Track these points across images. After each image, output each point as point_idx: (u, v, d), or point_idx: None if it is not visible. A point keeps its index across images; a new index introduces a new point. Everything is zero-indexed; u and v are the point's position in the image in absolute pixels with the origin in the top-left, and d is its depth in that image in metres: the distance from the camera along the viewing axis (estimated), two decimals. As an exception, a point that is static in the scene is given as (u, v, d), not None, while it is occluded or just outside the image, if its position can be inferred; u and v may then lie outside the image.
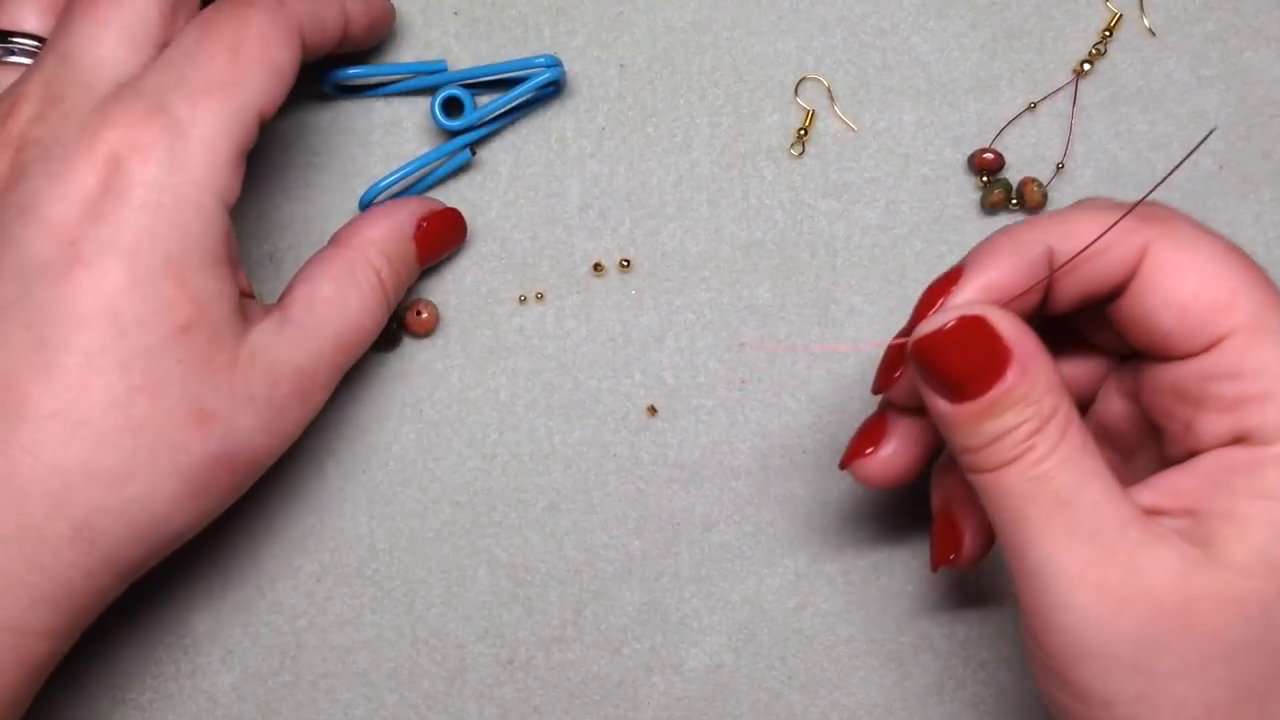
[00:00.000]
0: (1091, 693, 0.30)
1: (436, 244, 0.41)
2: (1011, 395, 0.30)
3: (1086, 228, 0.31)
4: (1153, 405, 0.33)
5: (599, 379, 0.43)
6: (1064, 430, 0.30)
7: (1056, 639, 0.30)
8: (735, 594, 0.42)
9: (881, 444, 0.36)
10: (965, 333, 0.30)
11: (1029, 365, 0.30)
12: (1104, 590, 0.29)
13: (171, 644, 0.42)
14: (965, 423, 0.30)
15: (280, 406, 0.36)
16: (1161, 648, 0.29)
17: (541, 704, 0.42)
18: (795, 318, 0.43)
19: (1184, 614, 0.29)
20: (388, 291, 0.39)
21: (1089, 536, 0.29)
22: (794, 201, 0.43)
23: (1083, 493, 0.30)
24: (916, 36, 0.44)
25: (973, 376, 0.30)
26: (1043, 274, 0.32)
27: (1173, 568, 0.29)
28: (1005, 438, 0.30)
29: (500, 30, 0.44)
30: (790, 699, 0.42)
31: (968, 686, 0.42)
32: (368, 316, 0.38)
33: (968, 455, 0.31)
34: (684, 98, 0.44)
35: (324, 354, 0.37)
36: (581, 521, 0.43)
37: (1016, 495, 0.30)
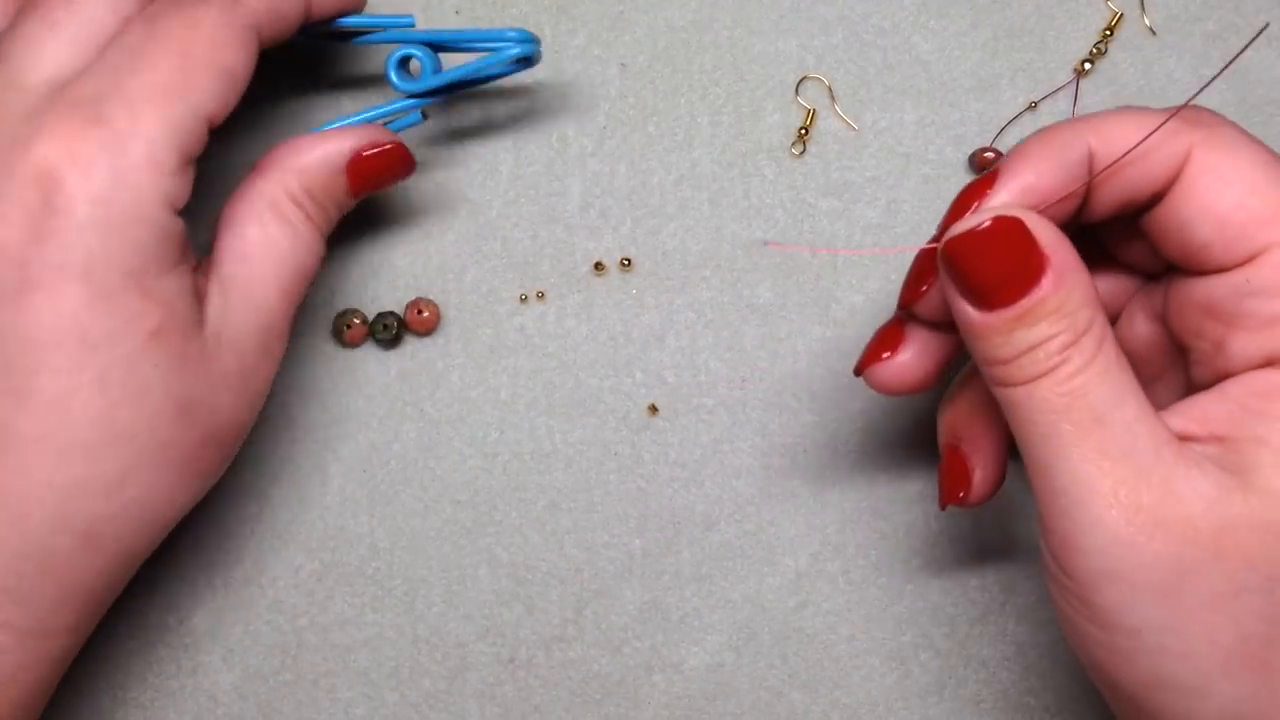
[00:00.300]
0: (1117, 619, 0.29)
1: (373, 178, 0.38)
2: (1046, 304, 0.29)
3: (1129, 130, 0.30)
4: (1182, 324, 0.32)
5: (600, 378, 0.43)
6: (1099, 344, 0.29)
7: (1083, 561, 0.29)
8: (736, 593, 0.42)
9: (899, 349, 0.34)
10: (1000, 235, 0.29)
11: (1065, 274, 0.29)
12: (1137, 511, 0.28)
13: (172, 643, 0.42)
14: (995, 332, 0.29)
15: (250, 372, 0.35)
16: (1194, 575, 0.28)
17: (542, 703, 0.42)
18: (796, 317, 0.43)
19: (1218, 541, 0.28)
20: (318, 224, 0.37)
21: (1123, 455, 0.28)
22: (795, 201, 0.43)
23: (1118, 410, 0.28)
24: (917, 35, 0.44)
25: (1006, 282, 0.29)
26: (1083, 178, 0.30)
27: (1208, 493, 0.28)
28: (1038, 349, 0.29)
29: (501, 29, 0.44)
30: (791, 698, 0.42)
31: (968, 685, 0.42)
32: (305, 252, 0.37)
33: (997, 368, 0.29)
34: (685, 97, 0.44)
35: (271, 305, 0.36)
36: (582, 520, 0.43)
37: (1049, 410, 0.29)
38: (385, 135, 0.38)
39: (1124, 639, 0.29)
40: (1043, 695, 0.42)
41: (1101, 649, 0.29)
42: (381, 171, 0.38)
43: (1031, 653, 0.42)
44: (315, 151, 0.37)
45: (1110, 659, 0.29)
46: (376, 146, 0.38)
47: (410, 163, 0.39)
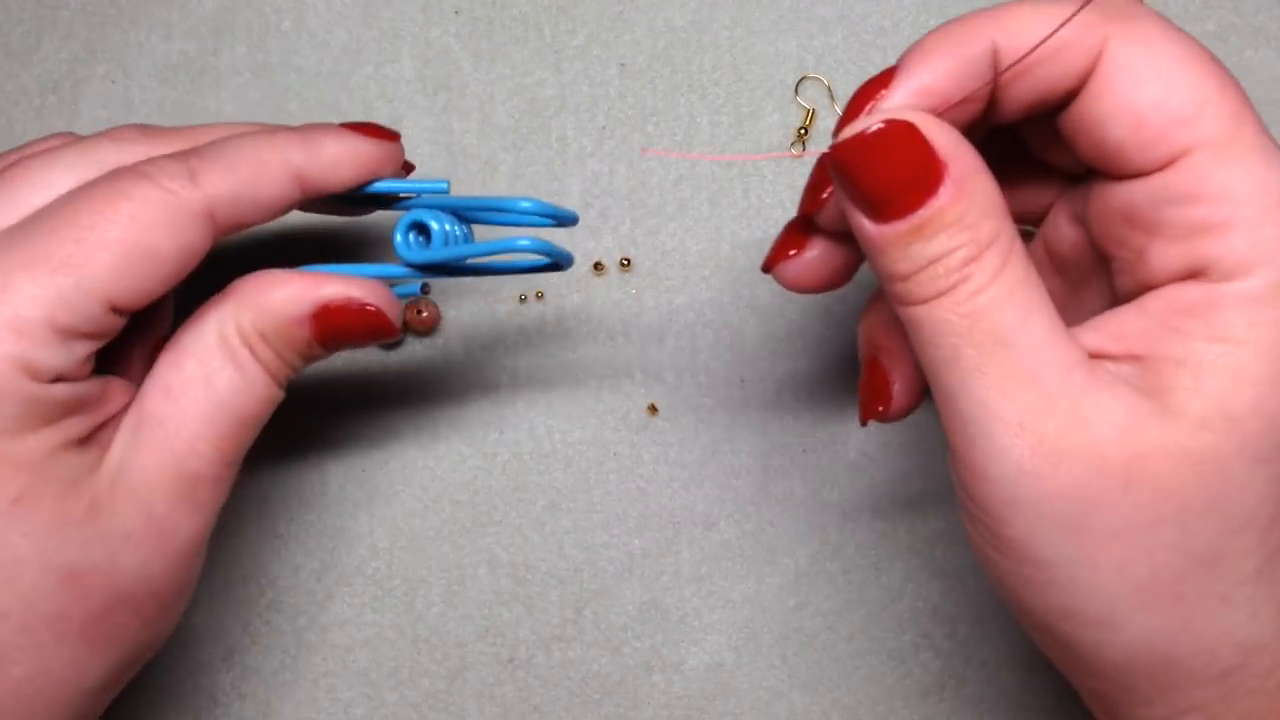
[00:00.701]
0: (1026, 551, 0.27)
1: (341, 336, 0.33)
2: (945, 216, 0.26)
3: (1037, 22, 0.27)
4: (1103, 231, 0.29)
5: (599, 378, 0.43)
6: (1005, 259, 0.27)
7: (988, 490, 0.27)
8: (736, 593, 0.42)
9: (806, 247, 0.32)
10: (892, 139, 0.26)
11: (965, 183, 0.26)
12: (1041, 440, 0.26)
13: (172, 642, 0.42)
14: (891, 245, 0.27)
15: (165, 526, 0.31)
16: (1102, 506, 0.26)
17: (542, 703, 0.42)
18: (796, 316, 0.43)
19: (1130, 470, 0.26)
20: (272, 371, 0.32)
21: (1028, 380, 0.26)
22: (794, 200, 0.43)
23: (1023, 331, 0.26)
24: (917, 35, 0.44)
25: (900, 191, 0.26)
26: (986, 77, 0.28)
27: (1119, 419, 0.26)
28: (937, 264, 0.26)
29: (501, 29, 0.44)
30: (791, 698, 0.42)
31: (969, 685, 0.42)
32: (249, 399, 0.32)
33: (896, 284, 0.27)
34: (684, 97, 0.44)
35: (199, 452, 0.31)
36: (582, 520, 0.43)
37: (949, 331, 0.27)
38: (366, 292, 0.33)
39: (1033, 570, 0.27)
40: (1043, 695, 0.42)
41: (1013, 578, 0.28)
42: (352, 331, 0.33)
43: (1031, 653, 0.42)
44: (280, 291, 0.32)
45: (1022, 589, 0.28)
46: (350, 303, 0.32)
47: (389, 329, 0.33)
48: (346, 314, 0.32)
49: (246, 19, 0.44)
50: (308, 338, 0.32)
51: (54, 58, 0.44)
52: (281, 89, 0.44)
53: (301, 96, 0.44)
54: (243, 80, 0.44)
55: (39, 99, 0.44)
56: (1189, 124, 0.27)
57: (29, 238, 0.30)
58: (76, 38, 0.44)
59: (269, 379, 0.32)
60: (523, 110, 0.44)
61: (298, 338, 0.32)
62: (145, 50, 0.44)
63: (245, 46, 0.44)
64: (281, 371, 0.33)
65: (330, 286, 0.32)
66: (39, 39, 0.44)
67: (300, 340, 0.32)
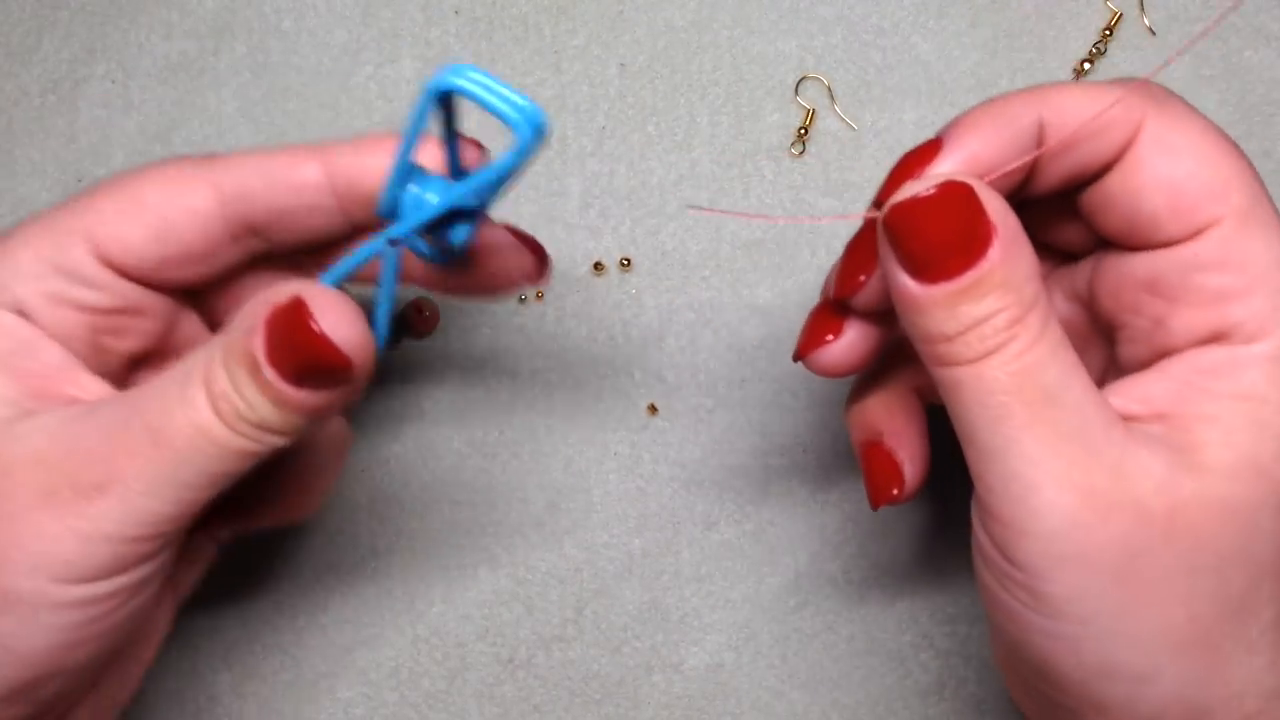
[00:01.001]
0: (1067, 607, 0.27)
1: (289, 361, 0.27)
2: (994, 277, 0.27)
3: (1081, 101, 0.29)
4: (1116, 301, 0.31)
5: (599, 378, 0.43)
6: (1045, 321, 0.27)
7: (1031, 546, 0.27)
8: (735, 592, 0.42)
9: (841, 332, 0.32)
10: (947, 201, 0.27)
11: (1012, 246, 0.27)
12: (1091, 494, 0.27)
13: (171, 642, 0.42)
14: (938, 306, 0.27)
15: (6, 507, 0.28)
16: (1146, 556, 0.27)
17: (542, 702, 0.42)
18: (796, 317, 0.43)
19: (1170, 522, 0.27)
20: (215, 405, 0.28)
21: (1075, 436, 0.27)
22: (794, 200, 0.43)
23: (1067, 390, 0.27)
24: (917, 35, 0.44)
25: (952, 252, 0.27)
26: (1030, 150, 0.29)
27: (1158, 473, 0.27)
28: (984, 324, 0.27)
29: (501, 29, 0.44)
30: (791, 697, 0.42)
31: (968, 685, 0.42)
32: (168, 424, 0.28)
33: (940, 345, 0.28)
34: (684, 97, 0.44)
35: (99, 450, 0.28)
36: (582, 520, 0.43)
37: (999, 389, 0.27)
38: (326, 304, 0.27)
39: (1072, 626, 0.27)
40: (1043, 695, 0.42)
41: (1047, 640, 0.28)
42: (297, 356, 0.27)
43: (1031, 653, 0.42)
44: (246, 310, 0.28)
45: (1055, 650, 0.28)
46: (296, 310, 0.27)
47: (338, 364, 0.27)
48: (291, 329, 0.27)
49: (246, 19, 0.44)
50: (255, 356, 0.27)
51: (54, 58, 0.44)
52: (281, 89, 0.44)
53: (301, 96, 0.44)
54: (243, 80, 0.44)
55: (39, 99, 0.44)
56: (1219, 197, 0.28)
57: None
58: (76, 38, 0.44)
59: (214, 418, 0.28)
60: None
61: (246, 351, 0.27)
62: (145, 50, 0.44)
63: (245, 46, 0.44)
64: (232, 411, 0.28)
65: (283, 290, 0.28)
66: (39, 39, 0.44)
67: (248, 355, 0.27)
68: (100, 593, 0.28)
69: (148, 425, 0.28)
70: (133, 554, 0.28)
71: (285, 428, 0.28)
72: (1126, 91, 0.29)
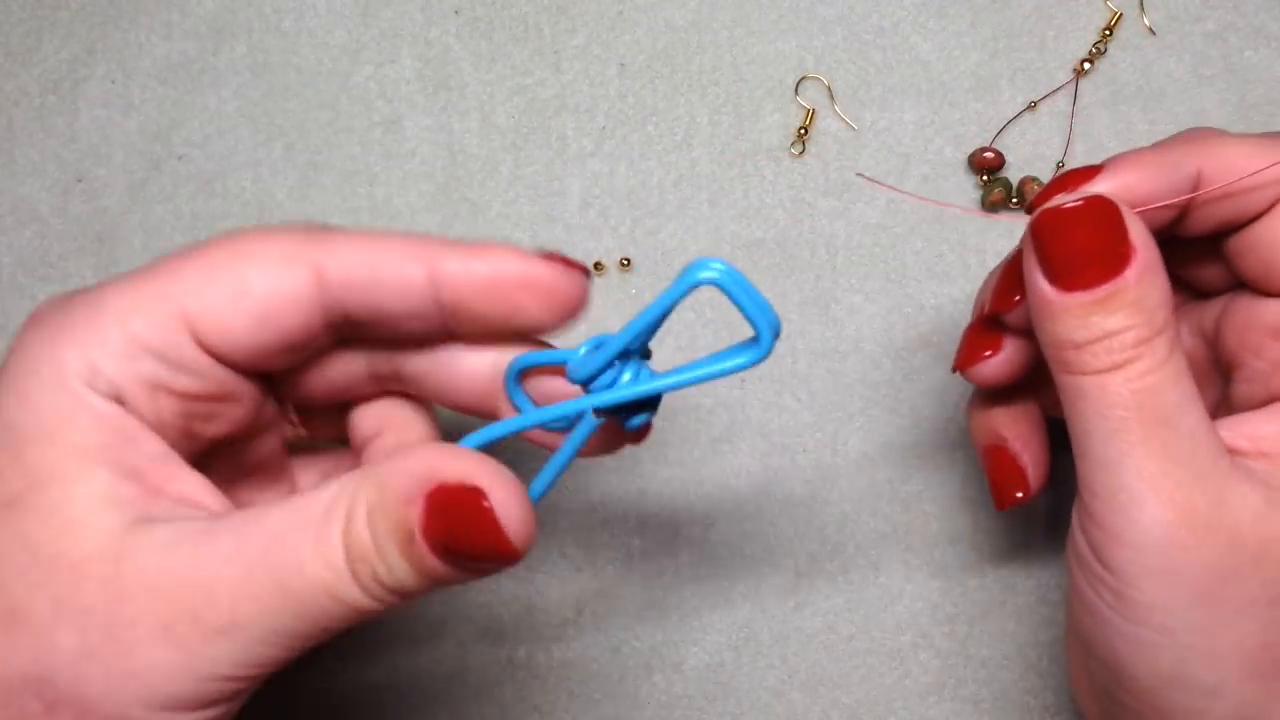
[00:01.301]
0: (1151, 615, 0.29)
1: (446, 538, 0.27)
2: (1128, 294, 0.29)
3: (1241, 156, 0.31)
4: (1241, 340, 0.33)
5: (599, 378, 0.43)
6: (1171, 349, 0.29)
7: (1126, 555, 0.29)
8: (735, 592, 0.42)
9: (1000, 348, 0.34)
10: (1092, 214, 0.29)
11: (1148, 271, 0.29)
12: (1191, 515, 0.29)
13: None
14: (1071, 314, 0.29)
15: (125, 635, 0.27)
16: (1234, 581, 0.29)
17: (542, 702, 0.42)
18: (796, 316, 0.43)
19: (1260, 552, 0.29)
20: (353, 565, 0.27)
21: (1185, 459, 0.29)
22: (794, 200, 0.43)
23: (1184, 415, 0.29)
24: (917, 35, 0.44)
25: (1090, 262, 0.29)
26: (1184, 193, 0.31)
27: (1255, 506, 0.29)
28: (1114, 338, 0.29)
29: (501, 29, 0.44)
30: (790, 697, 0.42)
31: (968, 685, 0.42)
32: (298, 576, 0.27)
33: (1067, 351, 0.30)
34: (684, 97, 0.44)
35: (222, 588, 0.27)
36: (581, 520, 0.43)
37: (1120, 404, 0.29)
38: (496, 485, 0.27)
39: (1153, 634, 0.29)
40: (1043, 695, 0.42)
41: (1126, 642, 0.30)
42: (456, 534, 0.27)
43: (1031, 652, 0.42)
44: (404, 462, 0.27)
45: (1133, 653, 0.30)
46: (465, 492, 0.27)
47: (503, 548, 0.27)
48: (460, 512, 0.26)
49: (246, 19, 0.44)
50: (410, 528, 0.26)
51: (54, 58, 0.44)
52: (281, 89, 0.44)
53: (301, 96, 0.44)
54: (243, 80, 0.44)
55: (39, 99, 0.44)
56: None
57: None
58: (76, 38, 0.44)
59: (341, 566, 0.27)
60: (523, 110, 0.44)
61: (402, 521, 0.26)
62: (145, 50, 0.44)
63: (245, 46, 0.44)
64: (369, 574, 0.27)
65: (453, 464, 0.27)
66: (39, 39, 0.44)
67: (403, 526, 0.26)
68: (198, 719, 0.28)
69: (276, 575, 0.27)
70: (234, 690, 0.28)
71: (419, 593, 0.28)
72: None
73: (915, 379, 0.43)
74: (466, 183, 0.43)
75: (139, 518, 0.27)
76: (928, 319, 0.43)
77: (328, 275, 0.28)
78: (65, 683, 0.27)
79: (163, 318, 0.28)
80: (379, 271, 0.28)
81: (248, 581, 0.27)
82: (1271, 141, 0.31)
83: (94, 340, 0.28)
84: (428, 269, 0.29)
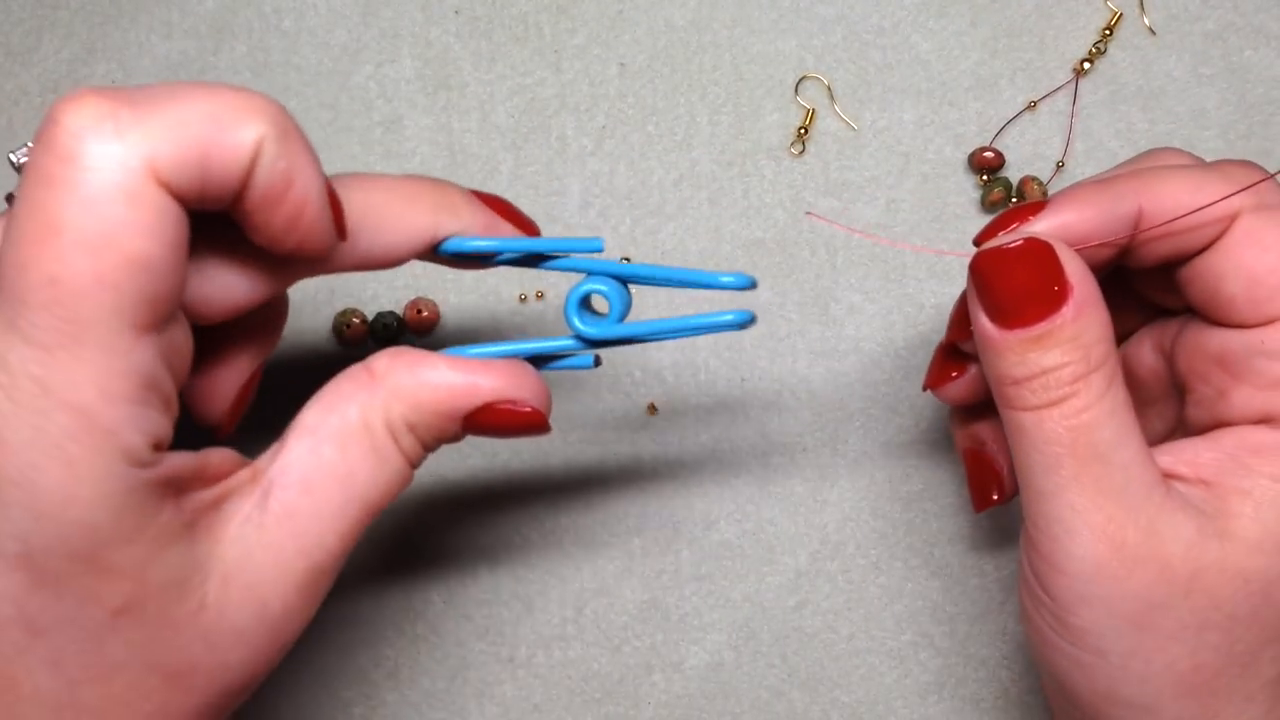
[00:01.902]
0: (1087, 639, 0.30)
1: (492, 432, 0.31)
2: (1064, 331, 0.30)
3: (1182, 195, 0.31)
4: (1190, 366, 0.33)
5: (599, 377, 0.43)
6: (1109, 383, 0.30)
7: (1065, 584, 0.30)
8: (735, 592, 0.42)
9: (965, 371, 0.35)
10: (1029, 256, 0.30)
11: (1085, 307, 0.30)
12: (1121, 548, 0.30)
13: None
14: (1011, 350, 0.30)
15: (280, 623, 0.29)
16: (1164, 609, 0.30)
17: (542, 702, 0.42)
18: (796, 316, 0.43)
19: (1191, 581, 0.30)
20: (411, 458, 0.31)
21: (1116, 493, 0.30)
22: (794, 200, 0.43)
23: (1118, 450, 0.30)
24: (917, 35, 0.44)
25: (1028, 301, 0.30)
26: (1125, 231, 0.32)
27: (1187, 537, 0.30)
28: (1050, 375, 0.30)
29: (501, 29, 0.44)
30: (791, 697, 0.42)
31: (968, 684, 0.42)
32: (384, 488, 0.30)
33: (1010, 388, 0.31)
34: (684, 96, 0.44)
35: (327, 544, 0.29)
36: (581, 519, 0.43)
37: (1055, 441, 0.30)
38: (528, 392, 0.31)
39: (1090, 656, 0.31)
40: (1041, 694, 0.42)
41: (1067, 661, 0.31)
42: (504, 429, 0.31)
43: (1031, 652, 0.42)
44: (439, 387, 0.30)
45: (1072, 671, 0.31)
46: (512, 405, 0.31)
47: (541, 427, 0.31)
48: (504, 415, 0.31)
49: (246, 18, 0.44)
50: (458, 430, 0.31)
51: (54, 58, 0.44)
52: (281, 88, 0.44)
53: (301, 96, 0.44)
54: (243, 80, 0.44)
55: (39, 99, 0.44)
56: None
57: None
58: (76, 37, 0.44)
59: (408, 467, 0.30)
60: (523, 110, 0.44)
61: (449, 430, 0.31)
62: (145, 50, 0.44)
63: (245, 46, 0.44)
64: (420, 457, 0.31)
65: (490, 383, 0.30)
66: (39, 39, 0.44)
67: (450, 433, 0.31)
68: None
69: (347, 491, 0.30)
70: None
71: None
72: (1225, 185, 0.31)
73: (915, 379, 0.43)
74: (467, 182, 0.43)
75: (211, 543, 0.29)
76: (928, 319, 0.43)
77: (161, 171, 0.25)
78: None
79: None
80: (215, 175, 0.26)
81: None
82: (1213, 173, 0.31)
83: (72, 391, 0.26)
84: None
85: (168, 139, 0.25)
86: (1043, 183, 0.43)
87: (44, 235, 0.24)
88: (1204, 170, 0.32)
